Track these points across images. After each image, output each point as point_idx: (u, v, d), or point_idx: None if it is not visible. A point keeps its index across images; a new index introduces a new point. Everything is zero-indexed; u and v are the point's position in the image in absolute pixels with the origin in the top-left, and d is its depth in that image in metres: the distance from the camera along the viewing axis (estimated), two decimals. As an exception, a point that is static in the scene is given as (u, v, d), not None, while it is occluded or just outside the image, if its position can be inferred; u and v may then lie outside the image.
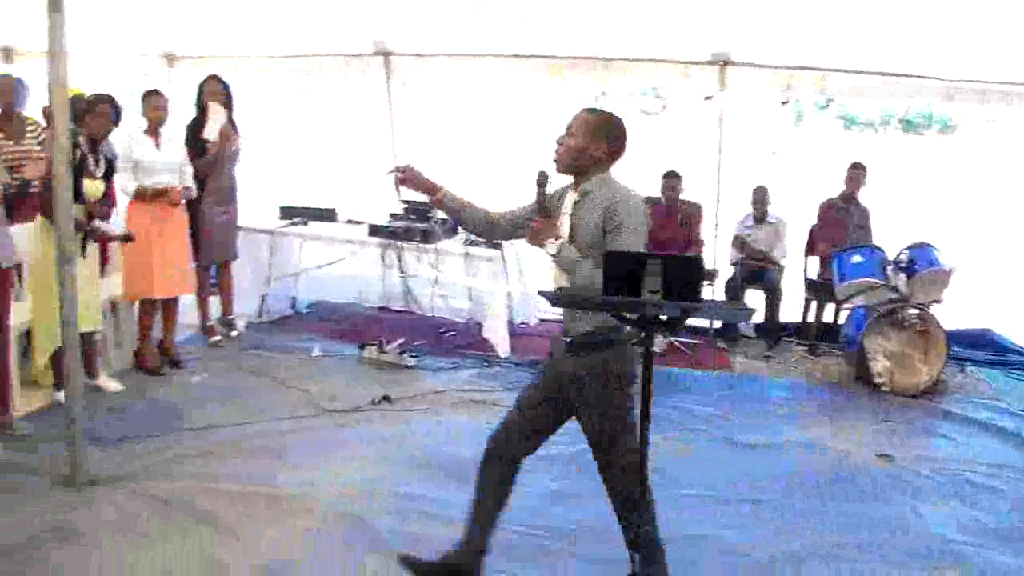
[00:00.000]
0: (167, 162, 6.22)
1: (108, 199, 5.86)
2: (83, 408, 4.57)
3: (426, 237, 6.89)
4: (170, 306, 6.42)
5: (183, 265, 6.39)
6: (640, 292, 2.74)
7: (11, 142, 6.25)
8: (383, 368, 6.45)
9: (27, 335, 5.70)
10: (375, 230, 7.10)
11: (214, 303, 7.11)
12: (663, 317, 2.85)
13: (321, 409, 5.63)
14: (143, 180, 6.08)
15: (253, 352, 6.71)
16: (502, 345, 6.75)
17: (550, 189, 3.53)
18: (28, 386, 5.61)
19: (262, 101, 7.65)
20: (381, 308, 7.74)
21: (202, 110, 6.72)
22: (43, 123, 6.50)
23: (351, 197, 8.00)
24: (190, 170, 6.43)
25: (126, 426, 5.25)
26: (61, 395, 5.26)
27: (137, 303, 6.29)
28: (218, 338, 6.93)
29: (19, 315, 5.47)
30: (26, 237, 5.46)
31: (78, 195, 5.00)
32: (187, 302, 6.72)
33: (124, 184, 6.05)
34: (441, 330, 7.15)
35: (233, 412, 5.53)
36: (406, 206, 7.22)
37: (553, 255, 3.50)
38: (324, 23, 7.02)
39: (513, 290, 7.10)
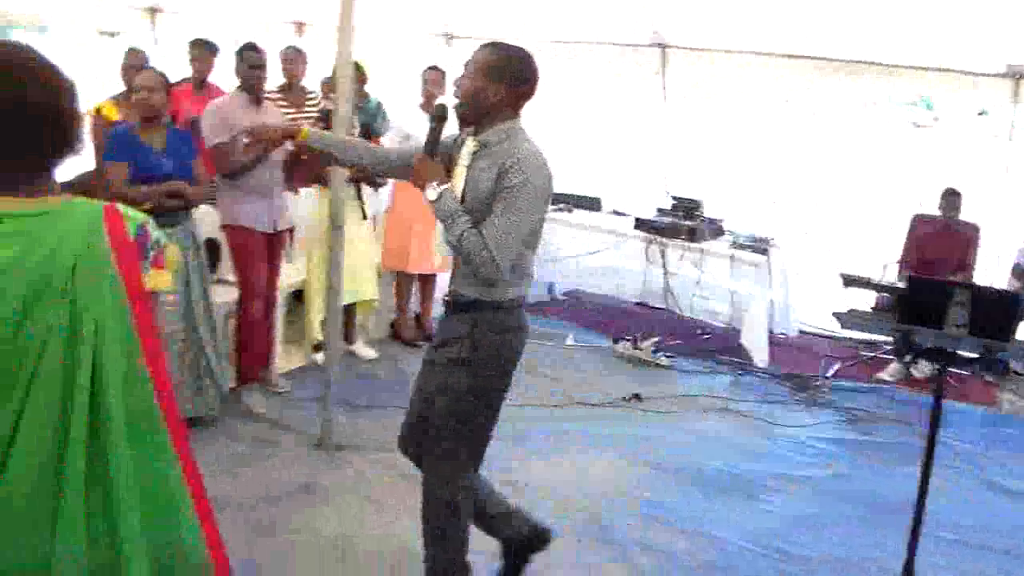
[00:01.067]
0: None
1: None
2: (339, 371, 4.72)
3: (692, 235, 6.69)
4: (428, 281, 6.54)
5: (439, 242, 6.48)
6: (943, 322, 2.45)
7: (293, 110, 6.52)
8: (635, 364, 6.31)
9: (295, 296, 5.98)
10: (640, 224, 6.97)
11: (475, 282, 7.18)
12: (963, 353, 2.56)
13: (570, 399, 5.57)
14: (415, 155, 6.20)
15: (508, 334, 6.72)
16: (759, 354, 6.45)
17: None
18: (289, 344, 5.88)
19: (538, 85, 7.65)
20: (639, 303, 7.59)
21: None
22: (321, 94, 6.75)
23: (617, 188, 7.88)
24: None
25: (377, 394, 5.39)
26: (319, 357, 5.50)
27: (395, 273, 6.42)
28: (475, 317, 6.99)
29: (289, 276, 5.74)
30: (304, 201, 5.70)
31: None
32: (447, 278, 6.79)
33: None
34: (698, 332, 6.92)
35: (481, 393, 5.55)
36: (675, 202, 7.05)
37: (432, 200, 3.03)
38: (601, 11, 6.94)
39: (776, 298, 6.78)
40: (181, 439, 1.80)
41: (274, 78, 6.18)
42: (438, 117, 3.11)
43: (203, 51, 6.38)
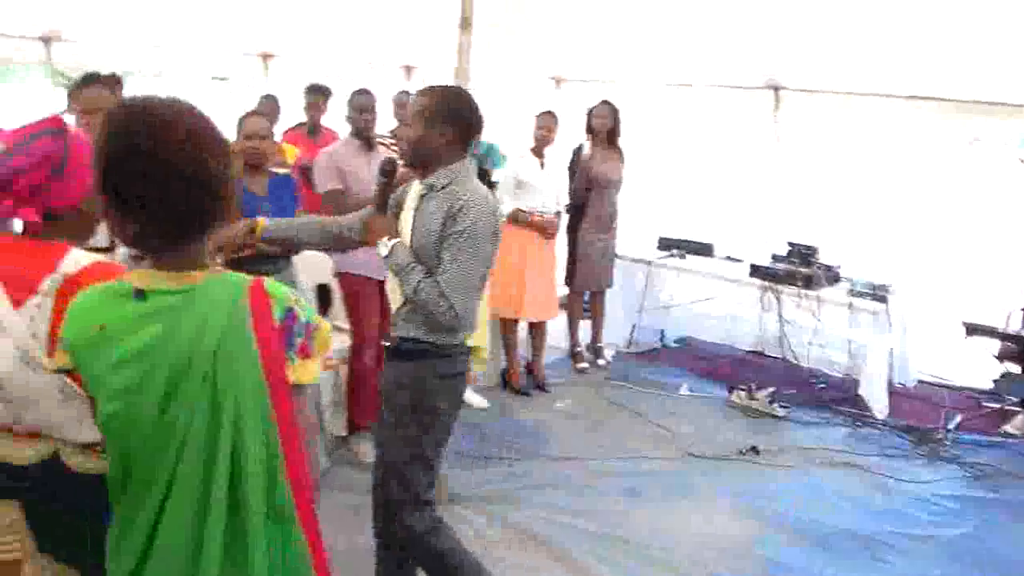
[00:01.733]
0: (549, 184, 6.36)
1: None
2: None
3: (808, 283, 6.55)
4: (539, 329, 6.54)
5: (552, 290, 6.51)
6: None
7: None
8: (751, 415, 6.18)
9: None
10: (755, 270, 6.86)
11: (584, 328, 7.18)
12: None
13: (683, 452, 5.48)
14: (523, 199, 6.25)
15: (618, 383, 6.69)
16: (878, 405, 6.24)
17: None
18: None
19: (646, 128, 7.64)
20: (753, 352, 7.45)
21: (589, 134, 6.81)
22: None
23: (730, 233, 7.78)
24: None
25: (488, 445, 5.40)
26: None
27: (499, 322, 6.40)
28: (585, 365, 6.98)
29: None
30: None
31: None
32: (556, 324, 6.81)
33: (501, 202, 6.19)
34: (814, 381, 6.75)
35: (593, 444, 5.52)
36: (790, 248, 6.93)
37: (384, 256, 3.07)
38: (714, 54, 6.90)
39: (895, 346, 6.57)
40: (313, 532, 1.76)
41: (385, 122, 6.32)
42: (386, 172, 3.15)
43: (317, 96, 6.51)
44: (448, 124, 3.00)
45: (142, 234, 1.68)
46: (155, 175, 1.60)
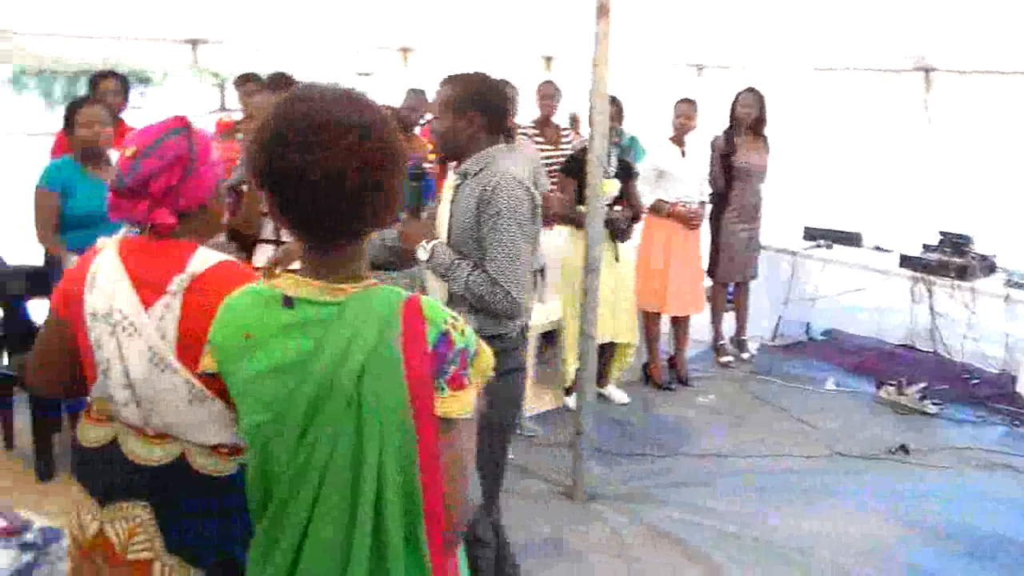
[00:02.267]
0: (691, 173, 6.28)
1: (626, 201, 5.89)
2: (592, 419, 4.65)
3: (962, 273, 6.30)
4: (682, 322, 6.49)
5: (697, 283, 6.45)
6: None
7: (550, 147, 6.61)
8: (900, 412, 5.99)
9: (546, 336, 6.10)
10: (905, 261, 6.64)
11: (728, 321, 7.10)
12: None
13: (829, 450, 5.36)
14: (666, 190, 6.19)
15: (762, 377, 6.59)
16: (1039, 403, 5.98)
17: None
18: (541, 386, 6.01)
19: (791, 114, 7.46)
20: (903, 345, 7.20)
21: (732, 122, 6.71)
22: (572, 129, 6.82)
23: (879, 222, 7.54)
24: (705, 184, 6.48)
25: (628, 441, 5.40)
26: (571, 400, 5.52)
27: (642, 314, 6.34)
28: (729, 358, 6.91)
29: (540, 317, 5.85)
30: (554, 238, 5.79)
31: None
32: (699, 317, 6.74)
33: (643, 193, 6.15)
34: (967, 377, 6.49)
35: (735, 441, 5.47)
36: (942, 237, 6.67)
37: (426, 260, 2.97)
38: (860, 36, 6.67)
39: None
40: (440, 570, 1.66)
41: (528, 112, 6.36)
42: (414, 175, 3.08)
43: None
44: (476, 111, 2.94)
45: (296, 232, 1.66)
46: (306, 179, 1.55)
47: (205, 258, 1.98)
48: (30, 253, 4.92)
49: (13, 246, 5.57)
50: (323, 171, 1.54)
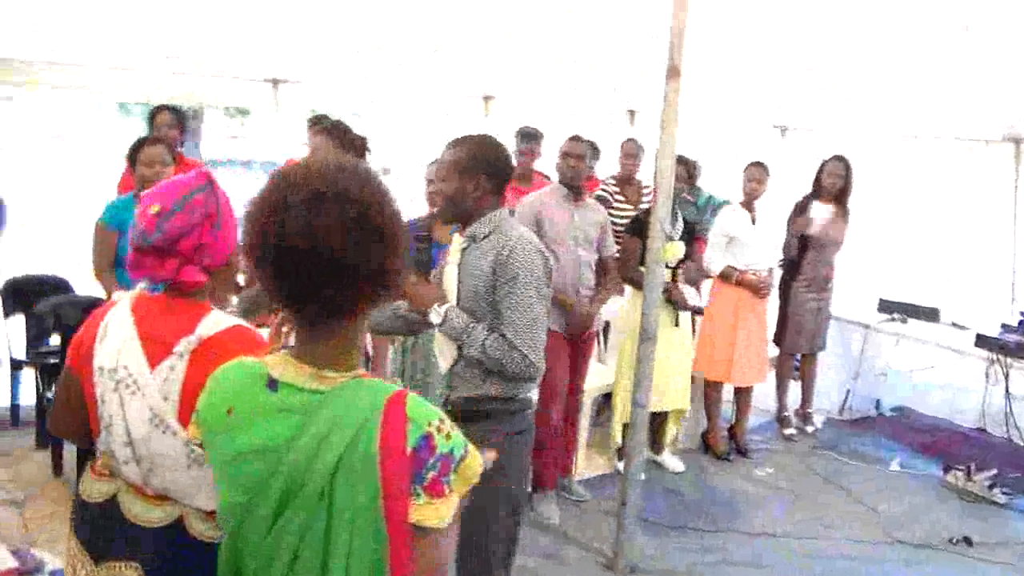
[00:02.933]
0: (761, 239, 6.14)
1: (690, 263, 5.82)
2: (640, 489, 4.55)
3: (1040, 356, 6.06)
4: (744, 391, 6.33)
5: (763, 352, 6.29)
6: None
7: (629, 206, 6.52)
8: (967, 499, 5.75)
9: (605, 397, 6.01)
10: (981, 340, 6.40)
11: (793, 391, 6.91)
12: None
13: (889, 536, 5.16)
14: (735, 256, 6.07)
15: (826, 453, 6.40)
16: (1120, 497, 5.68)
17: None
18: (594, 449, 5.93)
19: (871, 181, 7.27)
20: (976, 428, 6.93)
21: (817, 189, 6.57)
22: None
23: (958, 298, 7.29)
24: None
25: (679, 513, 5.27)
26: (623, 464, 5.41)
27: (704, 381, 6.24)
28: (792, 431, 6.72)
29: (600, 377, 5.78)
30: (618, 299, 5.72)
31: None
32: (764, 385, 6.56)
33: (712, 259, 6.08)
34: (1042, 466, 6.22)
35: (791, 520, 5.30)
36: (1022, 318, 6.43)
37: (439, 324, 2.94)
38: (950, 105, 6.50)
39: None
40: None
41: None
42: (421, 237, 3.12)
43: (529, 142, 6.51)
44: (482, 174, 2.95)
45: (288, 308, 1.60)
46: (300, 251, 1.49)
47: (216, 321, 1.97)
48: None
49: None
50: (318, 244, 1.48)
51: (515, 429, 3.01)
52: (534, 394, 3.10)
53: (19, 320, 5.55)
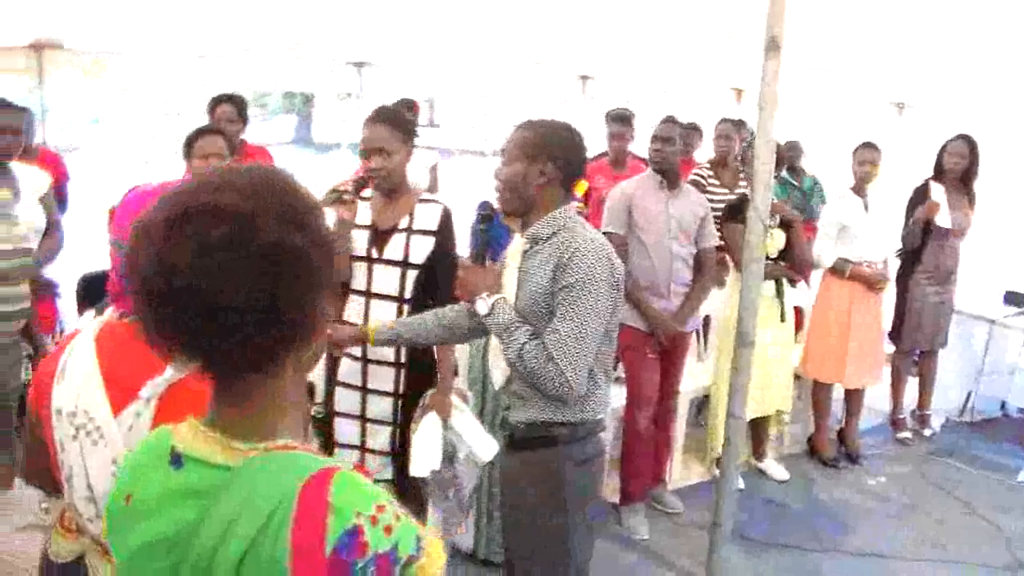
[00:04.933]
0: (875, 229, 5.66)
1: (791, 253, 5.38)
2: (737, 500, 4.20)
3: None
4: (856, 392, 5.89)
5: (878, 351, 5.84)
6: None
7: (724, 191, 6.14)
8: (1104, 515, 5.25)
9: (707, 397, 5.65)
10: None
11: (910, 391, 6.43)
12: None
13: (1013, 557, 4.70)
14: (848, 247, 5.62)
15: (944, 459, 5.93)
16: None
17: None
18: (691, 455, 5.58)
19: (997, 164, 6.72)
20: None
21: (938, 172, 6.07)
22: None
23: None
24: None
25: (779, 527, 4.92)
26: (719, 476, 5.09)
27: (812, 382, 5.86)
28: (907, 434, 6.25)
29: (698, 378, 5.44)
30: (718, 291, 5.36)
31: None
32: (877, 385, 6.10)
33: (823, 250, 5.64)
34: None
35: (902, 537, 4.88)
36: None
37: (484, 314, 2.59)
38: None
39: None
40: None
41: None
42: (484, 217, 2.76)
43: (621, 125, 6.13)
44: (550, 161, 2.63)
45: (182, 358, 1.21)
46: (156, 299, 1.14)
47: None
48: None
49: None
50: (173, 278, 1.11)
51: (584, 456, 2.69)
52: (605, 412, 2.77)
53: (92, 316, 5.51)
